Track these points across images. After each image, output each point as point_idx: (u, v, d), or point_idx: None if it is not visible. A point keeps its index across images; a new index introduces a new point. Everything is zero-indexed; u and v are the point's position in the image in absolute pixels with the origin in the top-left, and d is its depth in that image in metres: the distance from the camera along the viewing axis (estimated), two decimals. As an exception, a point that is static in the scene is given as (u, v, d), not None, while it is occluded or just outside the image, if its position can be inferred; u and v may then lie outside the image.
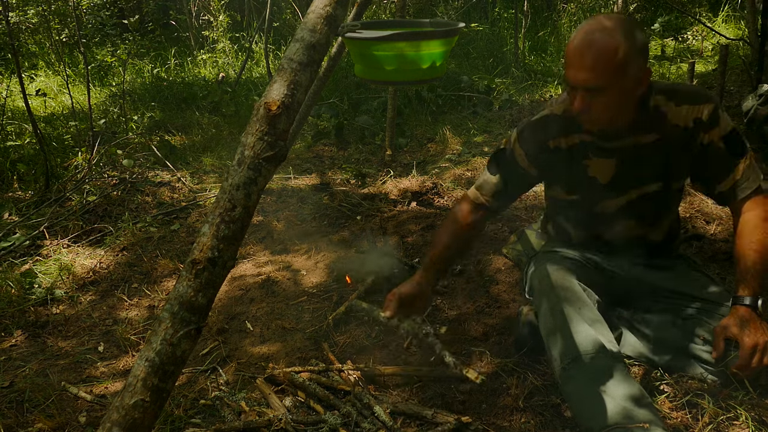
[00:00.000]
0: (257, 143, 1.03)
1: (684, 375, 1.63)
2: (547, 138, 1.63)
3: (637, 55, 1.39)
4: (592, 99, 1.44)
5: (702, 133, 1.53)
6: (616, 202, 1.66)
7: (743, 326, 1.45)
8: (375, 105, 4.65)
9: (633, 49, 1.38)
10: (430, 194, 3.13)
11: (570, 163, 1.64)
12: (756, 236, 1.51)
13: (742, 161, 1.54)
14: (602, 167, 1.62)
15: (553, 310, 1.58)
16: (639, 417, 1.34)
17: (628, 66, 1.39)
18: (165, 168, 3.78)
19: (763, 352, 1.42)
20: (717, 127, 1.52)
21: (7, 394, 1.85)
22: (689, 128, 1.53)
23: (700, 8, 6.77)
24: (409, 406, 1.63)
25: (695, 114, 1.52)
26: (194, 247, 1.03)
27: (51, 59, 6.52)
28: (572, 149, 1.63)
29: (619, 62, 1.38)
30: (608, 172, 1.62)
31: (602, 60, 1.38)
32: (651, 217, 1.69)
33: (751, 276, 1.50)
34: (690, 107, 1.52)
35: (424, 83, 3.93)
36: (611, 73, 1.39)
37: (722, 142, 1.52)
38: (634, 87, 1.44)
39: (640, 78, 1.43)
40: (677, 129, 1.53)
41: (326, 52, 1.12)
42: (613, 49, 1.37)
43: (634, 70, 1.40)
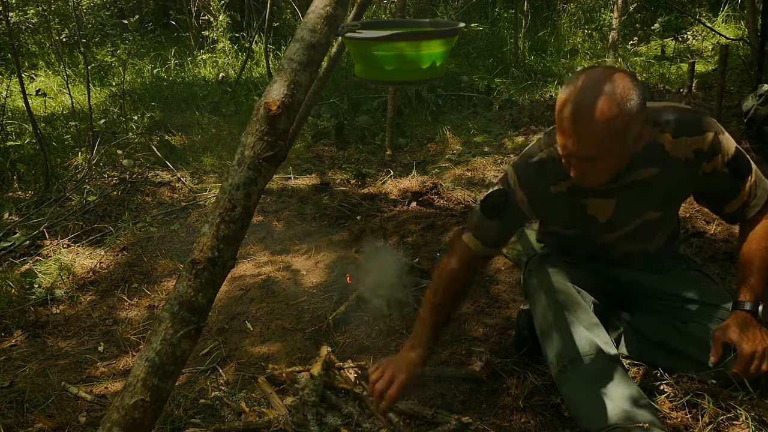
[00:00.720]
0: (257, 143, 1.03)
1: (684, 375, 1.63)
2: (549, 183, 1.54)
3: (635, 119, 1.29)
4: (588, 166, 1.36)
5: (704, 163, 1.46)
6: (616, 235, 1.63)
7: (742, 332, 1.43)
8: (375, 105, 4.65)
9: (631, 115, 1.27)
10: (430, 194, 3.13)
11: (569, 204, 1.58)
12: (763, 244, 1.49)
13: (747, 180, 1.49)
14: (601, 207, 1.57)
15: (548, 312, 1.58)
16: (638, 417, 1.33)
17: (626, 133, 1.30)
18: (165, 168, 3.78)
19: (761, 359, 1.42)
20: (719, 154, 1.45)
21: (7, 394, 1.85)
22: (690, 160, 1.46)
23: (700, 8, 6.77)
24: (409, 406, 1.63)
25: (695, 145, 1.44)
26: (194, 247, 1.03)
27: (51, 59, 6.52)
28: (572, 190, 1.54)
29: (617, 132, 1.28)
30: (608, 211, 1.57)
31: (599, 131, 1.27)
32: (651, 237, 1.67)
33: (754, 282, 1.48)
34: (689, 139, 1.44)
35: (424, 83, 3.93)
36: (608, 145, 1.30)
37: (726, 168, 1.46)
38: (633, 146, 1.36)
39: (638, 136, 1.35)
40: (677, 162, 1.46)
41: (326, 52, 1.12)
42: (610, 120, 1.26)
43: (633, 133, 1.32)
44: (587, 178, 1.40)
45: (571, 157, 1.36)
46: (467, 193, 3.12)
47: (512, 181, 1.57)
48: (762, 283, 1.48)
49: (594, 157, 1.33)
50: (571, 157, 1.36)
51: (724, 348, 1.47)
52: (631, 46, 6.11)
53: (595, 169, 1.37)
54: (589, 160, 1.34)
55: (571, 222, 1.63)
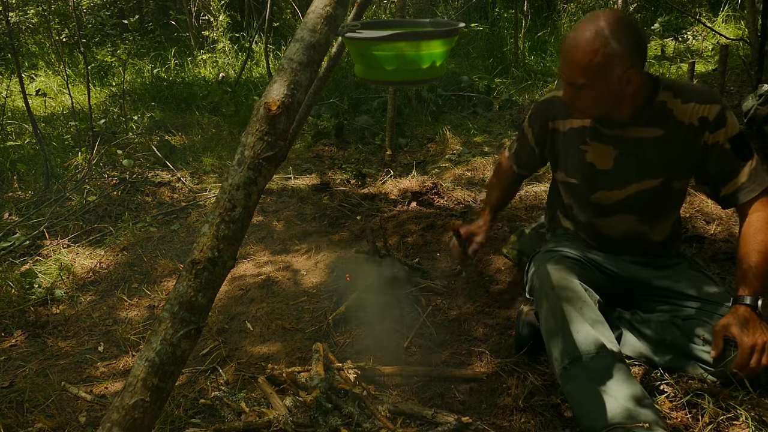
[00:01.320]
0: (257, 143, 1.03)
1: (684, 375, 1.63)
2: (548, 118, 1.73)
3: (621, 56, 1.41)
4: (576, 93, 1.49)
5: (707, 133, 1.52)
6: (615, 195, 1.67)
7: (743, 326, 1.45)
8: (375, 105, 4.65)
9: (617, 51, 1.40)
10: (430, 194, 3.13)
11: (568, 147, 1.70)
12: (759, 237, 1.51)
13: (747, 164, 1.53)
14: (600, 153, 1.64)
15: (553, 309, 1.58)
16: (640, 417, 1.33)
17: (609, 68, 1.42)
18: (165, 168, 3.78)
19: (761, 353, 1.42)
20: (724, 128, 1.51)
21: (7, 394, 1.85)
22: (694, 126, 1.53)
23: (700, 8, 6.77)
24: (409, 406, 1.63)
25: (702, 113, 1.51)
26: (194, 247, 1.03)
27: (51, 59, 6.52)
28: (570, 132, 1.69)
29: (597, 64, 1.41)
30: (607, 159, 1.64)
31: (583, 60, 1.42)
32: (652, 215, 1.69)
33: (752, 276, 1.50)
34: (697, 105, 1.52)
35: (424, 83, 3.92)
36: (590, 74, 1.43)
37: (728, 144, 1.52)
38: (620, 86, 1.46)
39: (626, 78, 1.44)
40: (682, 126, 1.54)
41: (326, 52, 1.12)
42: (593, 50, 1.41)
43: (618, 71, 1.42)
44: (577, 106, 1.54)
45: (564, 82, 1.52)
46: (467, 193, 3.12)
47: (527, 118, 1.84)
48: (760, 278, 1.49)
49: (579, 85, 1.47)
50: (564, 82, 1.52)
51: (725, 343, 1.48)
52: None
53: (581, 97, 1.50)
54: (575, 86, 1.48)
55: (571, 167, 1.72)
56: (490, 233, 2.15)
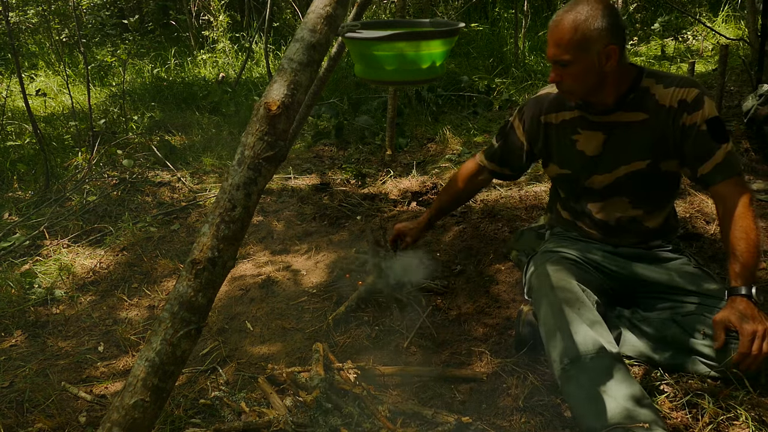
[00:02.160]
0: (257, 143, 1.03)
1: (684, 375, 1.63)
2: (540, 113, 1.81)
3: (600, 33, 1.53)
4: (562, 71, 1.59)
5: (685, 114, 1.60)
6: (606, 178, 1.73)
7: (742, 315, 1.47)
8: (375, 105, 4.65)
9: (595, 28, 1.52)
10: (430, 194, 3.13)
11: (560, 139, 1.79)
12: (740, 224, 1.55)
13: (723, 146, 1.59)
14: (590, 140, 1.72)
15: (552, 311, 1.58)
16: (640, 417, 1.34)
17: (589, 43, 1.54)
18: (165, 168, 3.78)
19: (762, 339, 1.44)
20: (701, 110, 1.59)
21: (7, 394, 1.85)
22: (673, 108, 1.61)
23: (700, 8, 6.77)
24: (409, 406, 1.63)
25: (681, 96, 1.61)
26: (194, 247, 1.03)
27: (51, 59, 6.52)
28: (563, 125, 1.77)
29: (579, 39, 1.53)
30: (596, 145, 1.72)
31: (565, 37, 1.55)
32: (643, 198, 1.74)
33: (742, 266, 1.53)
34: (677, 89, 1.62)
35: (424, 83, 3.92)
36: (571, 48, 1.55)
37: (705, 125, 1.59)
38: (600, 62, 1.56)
39: (605, 55, 1.55)
40: (663, 108, 1.63)
41: (326, 52, 1.12)
42: (574, 27, 1.53)
43: (597, 47, 1.54)
44: (564, 85, 1.63)
45: (550, 61, 1.62)
46: (467, 193, 3.12)
47: (515, 114, 1.91)
48: (750, 266, 1.53)
49: (563, 62, 1.57)
50: (550, 61, 1.62)
51: (725, 334, 1.49)
52: (631, 46, 6.11)
53: (568, 76, 1.60)
54: (561, 64, 1.59)
55: (563, 158, 1.81)
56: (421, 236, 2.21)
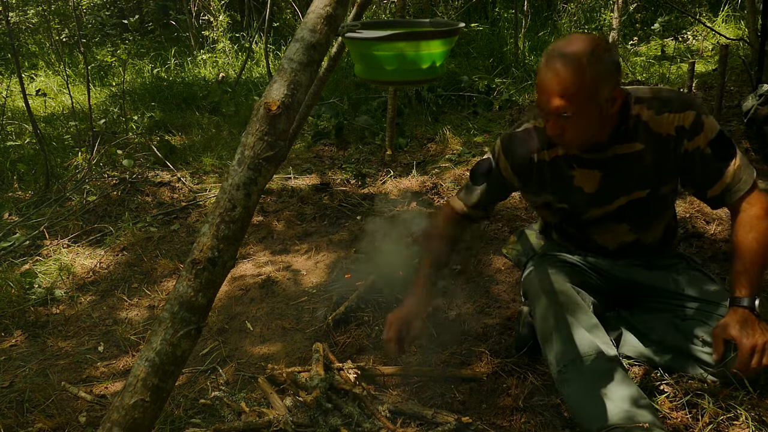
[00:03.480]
0: (257, 143, 1.03)
1: (684, 375, 1.63)
2: (531, 151, 1.61)
3: (605, 78, 1.38)
4: (564, 123, 1.43)
5: (686, 141, 1.49)
6: (605, 209, 1.64)
7: (742, 328, 1.43)
8: (375, 105, 4.65)
9: (600, 73, 1.37)
10: (430, 194, 3.13)
11: (555, 175, 1.62)
12: (751, 235, 1.49)
13: (731, 164, 1.50)
14: (587, 178, 1.60)
15: (548, 314, 1.58)
16: (638, 418, 1.34)
17: (596, 91, 1.38)
18: (165, 168, 3.78)
19: (762, 353, 1.42)
20: (701, 133, 1.48)
21: (7, 394, 1.85)
22: (672, 136, 1.50)
23: (700, 8, 6.76)
24: (409, 406, 1.63)
25: (677, 122, 1.48)
26: (194, 247, 1.03)
27: (51, 59, 6.52)
28: (556, 161, 1.60)
29: (586, 88, 1.37)
30: (593, 182, 1.60)
31: (569, 87, 1.37)
32: (643, 222, 1.68)
33: (748, 276, 1.48)
34: (671, 115, 1.49)
35: (424, 83, 3.92)
36: (578, 100, 1.38)
37: (709, 148, 1.49)
38: (605, 108, 1.42)
39: (611, 99, 1.42)
40: (659, 137, 1.50)
41: (326, 52, 1.12)
42: (581, 76, 1.36)
43: (604, 93, 1.39)
44: (563, 137, 1.46)
45: (546, 114, 1.44)
46: (467, 193, 3.12)
47: (497, 150, 1.66)
48: (756, 277, 1.48)
49: (565, 113, 1.40)
50: (546, 114, 1.44)
51: (724, 345, 1.48)
52: (631, 46, 6.11)
53: (570, 128, 1.43)
54: (561, 115, 1.40)
55: (559, 194, 1.66)
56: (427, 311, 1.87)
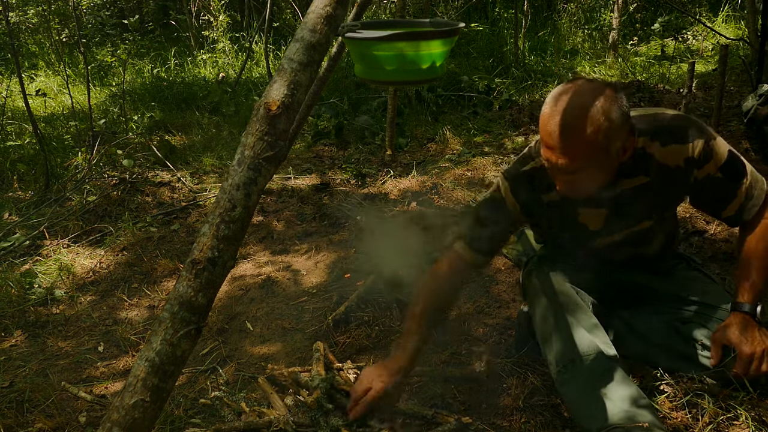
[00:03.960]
0: (257, 143, 1.03)
1: (684, 375, 1.63)
2: (540, 192, 1.55)
3: (617, 133, 1.30)
4: (574, 178, 1.37)
5: (696, 170, 1.45)
6: (610, 239, 1.62)
7: (742, 333, 1.42)
8: (375, 105, 4.65)
9: (612, 130, 1.29)
10: (430, 194, 3.13)
11: (560, 213, 1.58)
12: (762, 244, 1.48)
13: (743, 183, 1.47)
14: (592, 216, 1.57)
15: (548, 314, 1.58)
16: (638, 418, 1.33)
17: (608, 147, 1.31)
18: (165, 168, 3.78)
19: (760, 360, 1.41)
20: (711, 160, 1.44)
21: (7, 394, 1.85)
22: (681, 168, 1.45)
23: (700, 8, 6.77)
24: (409, 406, 1.63)
25: (685, 153, 1.43)
26: (194, 247, 1.03)
27: (51, 59, 6.52)
28: (563, 200, 1.53)
29: (598, 146, 1.30)
30: (598, 220, 1.57)
31: (580, 147, 1.29)
32: (646, 241, 1.66)
33: (752, 282, 1.47)
34: (678, 146, 1.43)
35: (424, 83, 3.92)
36: (590, 158, 1.32)
37: (720, 173, 1.45)
38: (618, 158, 1.37)
39: (622, 150, 1.36)
40: (667, 169, 1.46)
41: (326, 52, 1.12)
42: (591, 135, 1.27)
43: (617, 146, 1.33)
44: (573, 191, 1.41)
45: (555, 171, 1.37)
46: (467, 193, 3.12)
47: (503, 189, 1.58)
48: (760, 284, 1.47)
49: (577, 171, 1.33)
50: (555, 171, 1.37)
51: (723, 349, 1.47)
52: (631, 46, 6.11)
53: (579, 182, 1.38)
54: (572, 173, 1.34)
55: (563, 228, 1.63)
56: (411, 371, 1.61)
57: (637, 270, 1.74)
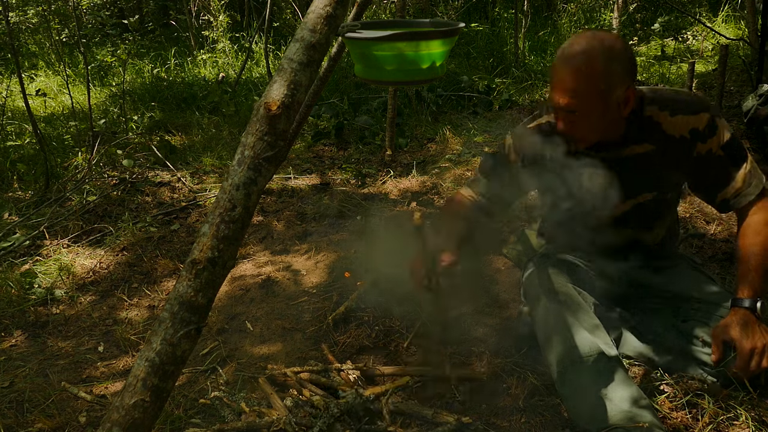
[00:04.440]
0: (257, 143, 1.03)
1: (684, 375, 1.63)
2: (543, 146, 1.62)
3: (618, 78, 1.38)
4: (573, 120, 1.44)
5: (699, 143, 1.49)
6: (609, 212, 1.63)
7: (742, 329, 1.43)
8: (375, 105, 4.65)
9: (613, 73, 1.37)
10: (430, 194, 3.13)
11: (564, 173, 1.62)
12: (759, 239, 1.49)
13: (742, 168, 1.50)
14: (594, 178, 1.59)
15: (548, 314, 1.58)
16: (638, 418, 1.34)
17: (608, 91, 1.38)
18: (165, 168, 3.78)
19: (761, 356, 1.42)
20: (715, 136, 1.48)
21: (7, 394, 1.85)
22: (686, 139, 1.50)
23: (700, 8, 6.77)
24: (409, 406, 1.63)
25: (692, 124, 1.48)
26: (194, 247, 1.03)
27: (51, 59, 6.52)
28: (567, 159, 1.60)
29: (598, 88, 1.37)
30: (600, 182, 1.59)
31: (580, 85, 1.37)
32: (646, 224, 1.68)
33: (751, 278, 1.48)
34: (685, 117, 1.49)
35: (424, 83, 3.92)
36: (589, 99, 1.39)
37: (722, 151, 1.49)
38: (618, 108, 1.43)
39: (624, 98, 1.42)
40: (673, 139, 1.50)
41: (326, 52, 1.11)
42: (590, 73, 1.36)
43: (616, 93, 1.39)
44: (573, 132, 1.48)
45: (557, 110, 1.45)
46: (467, 193, 3.12)
47: (507, 145, 1.70)
48: (760, 280, 1.48)
49: (576, 110, 1.41)
50: (557, 110, 1.45)
51: (724, 346, 1.48)
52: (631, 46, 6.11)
53: (579, 124, 1.45)
54: (572, 112, 1.42)
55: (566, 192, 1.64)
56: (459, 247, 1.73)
57: (638, 267, 1.74)
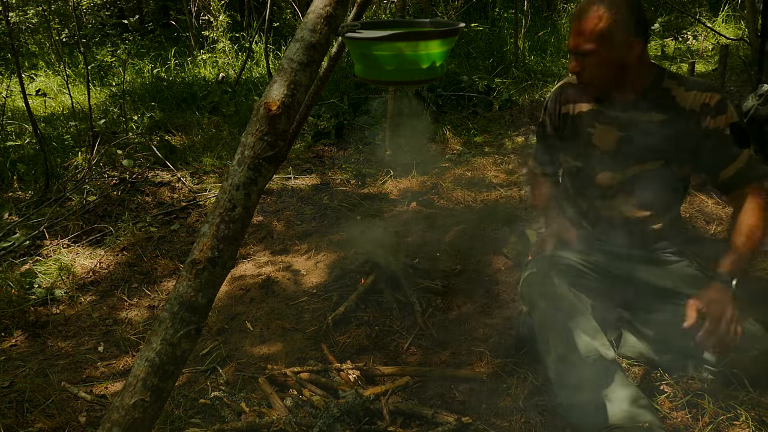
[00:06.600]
0: (257, 143, 1.03)
1: (684, 375, 1.63)
2: (561, 104, 1.80)
3: (623, 25, 1.53)
4: (583, 61, 1.60)
5: (708, 118, 1.58)
6: (617, 176, 1.71)
7: (715, 298, 1.50)
8: (375, 105, 4.65)
9: (619, 20, 1.53)
10: (430, 194, 3.13)
11: (578, 129, 1.77)
12: (747, 221, 1.57)
13: (746, 151, 1.58)
14: (605, 135, 1.70)
15: (547, 317, 1.58)
16: (638, 418, 1.34)
17: (612, 35, 1.54)
18: (165, 168, 3.78)
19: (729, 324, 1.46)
20: (724, 114, 1.57)
21: (7, 394, 1.85)
22: (695, 112, 1.59)
23: (700, 8, 6.77)
24: (409, 406, 1.63)
25: (703, 99, 1.59)
26: (194, 247, 1.03)
27: (51, 59, 6.52)
28: (579, 116, 1.76)
29: (603, 31, 1.53)
30: (611, 141, 1.70)
31: (588, 26, 1.55)
32: (651, 200, 1.71)
33: (734, 257, 1.56)
34: (699, 93, 1.59)
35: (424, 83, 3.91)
36: (594, 38, 1.55)
37: (729, 129, 1.57)
38: (623, 54, 1.57)
39: (628, 46, 1.56)
40: (683, 111, 1.61)
41: (326, 52, 1.11)
42: (598, 16, 1.54)
43: (620, 39, 1.54)
44: (584, 75, 1.63)
45: (571, 53, 1.62)
46: (467, 193, 3.12)
47: (542, 113, 1.89)
48: (742, 260, 1.56)
49: (585, 51, 1.58)
50: (571, 53, 1.62)
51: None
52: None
53: (589, 66, 1.60)
54: (583, 54, 1.59)
55: (578, 149, 1.79)
56: None
57: (641, 263, 1.74)
